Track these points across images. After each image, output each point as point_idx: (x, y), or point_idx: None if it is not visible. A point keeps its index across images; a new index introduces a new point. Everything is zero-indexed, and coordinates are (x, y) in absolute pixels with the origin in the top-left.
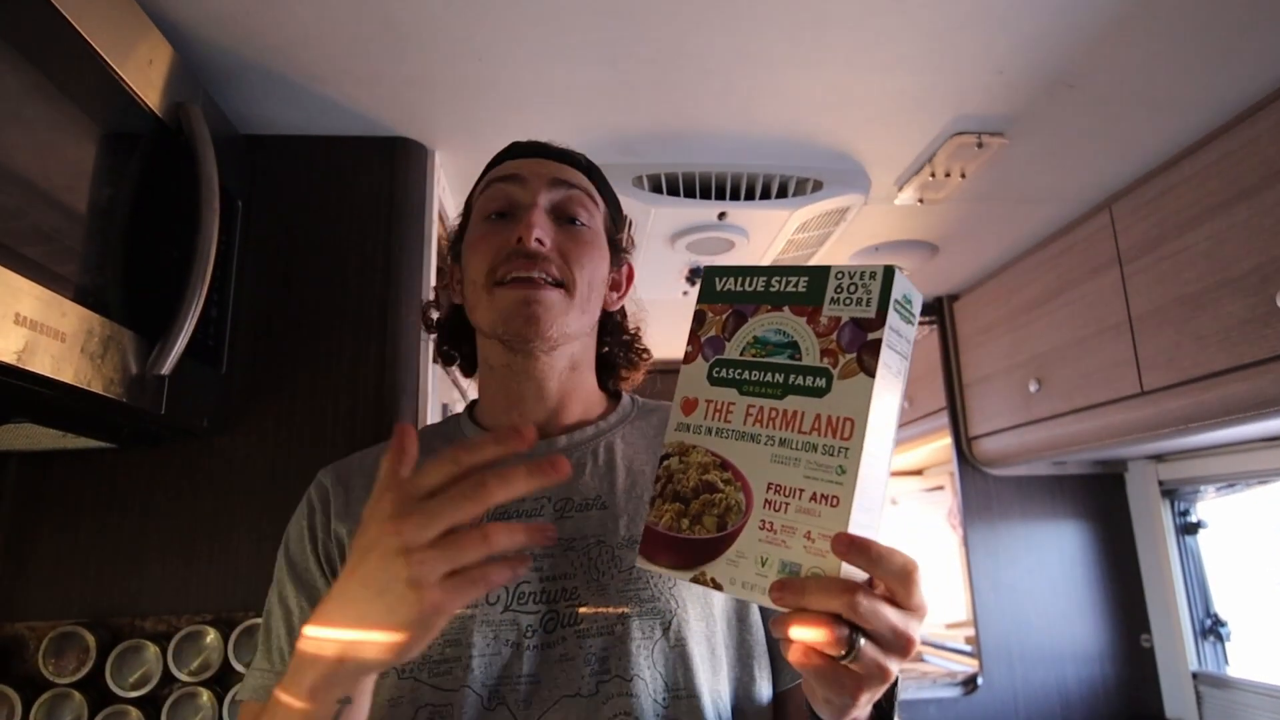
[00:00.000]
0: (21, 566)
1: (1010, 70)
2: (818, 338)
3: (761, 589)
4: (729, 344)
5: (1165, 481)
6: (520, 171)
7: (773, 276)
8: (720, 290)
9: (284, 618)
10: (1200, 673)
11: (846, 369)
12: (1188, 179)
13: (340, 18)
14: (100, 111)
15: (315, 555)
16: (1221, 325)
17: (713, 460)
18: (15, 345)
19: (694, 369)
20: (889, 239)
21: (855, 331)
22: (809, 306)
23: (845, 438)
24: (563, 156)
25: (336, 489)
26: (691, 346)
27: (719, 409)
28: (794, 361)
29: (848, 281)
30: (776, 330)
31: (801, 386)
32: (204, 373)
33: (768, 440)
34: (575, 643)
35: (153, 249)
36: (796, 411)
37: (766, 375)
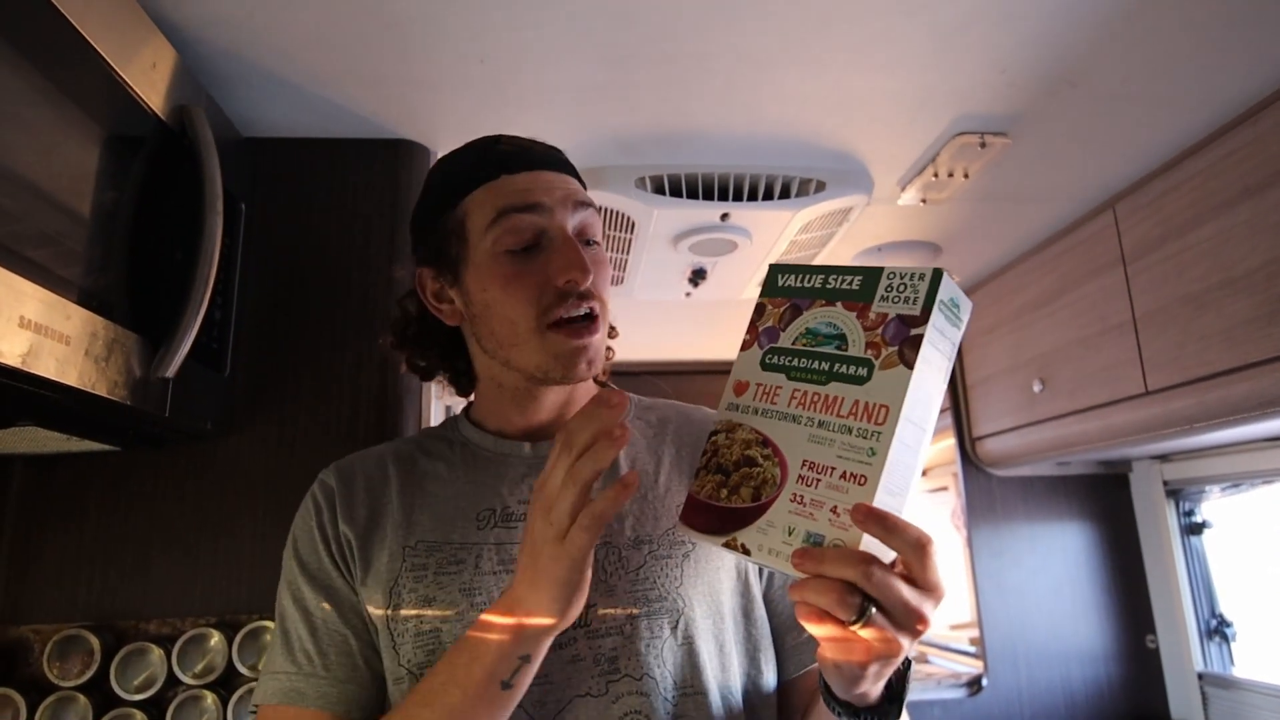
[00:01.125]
0: (26, 569)
1: (1013, 70)
2: (865, 331)
3: (785, 556)
4: (783, 334)
5: (1170, 482)
6: (541, 199)
7: (830, 275)
8: (781, 286)
9: (304, 619)
10: (1205, 673)
11: (887, 360)
12: (1191, 178)
13: (343, 20)
14: (103, 114)
15: (330, 555)
16: (1226, 325)
17: (755, 437)
18: (20, 348)
19: (749, 355)
20: (892, 239)
21: (900, 327)
22: (860, 303)
23: (879, 423)
24: (561, 165)
25: (341, 489)
26: (749, 335)
27: (767, 391)
28: (840, 352)
29: (898, 281)
30: (828, 323)
31: (844, 374)
32: (207, 375)
33: (808, 421)
34: (585, 644)
35: (156, 252)
36: (837, 397)
37: (814, 363)
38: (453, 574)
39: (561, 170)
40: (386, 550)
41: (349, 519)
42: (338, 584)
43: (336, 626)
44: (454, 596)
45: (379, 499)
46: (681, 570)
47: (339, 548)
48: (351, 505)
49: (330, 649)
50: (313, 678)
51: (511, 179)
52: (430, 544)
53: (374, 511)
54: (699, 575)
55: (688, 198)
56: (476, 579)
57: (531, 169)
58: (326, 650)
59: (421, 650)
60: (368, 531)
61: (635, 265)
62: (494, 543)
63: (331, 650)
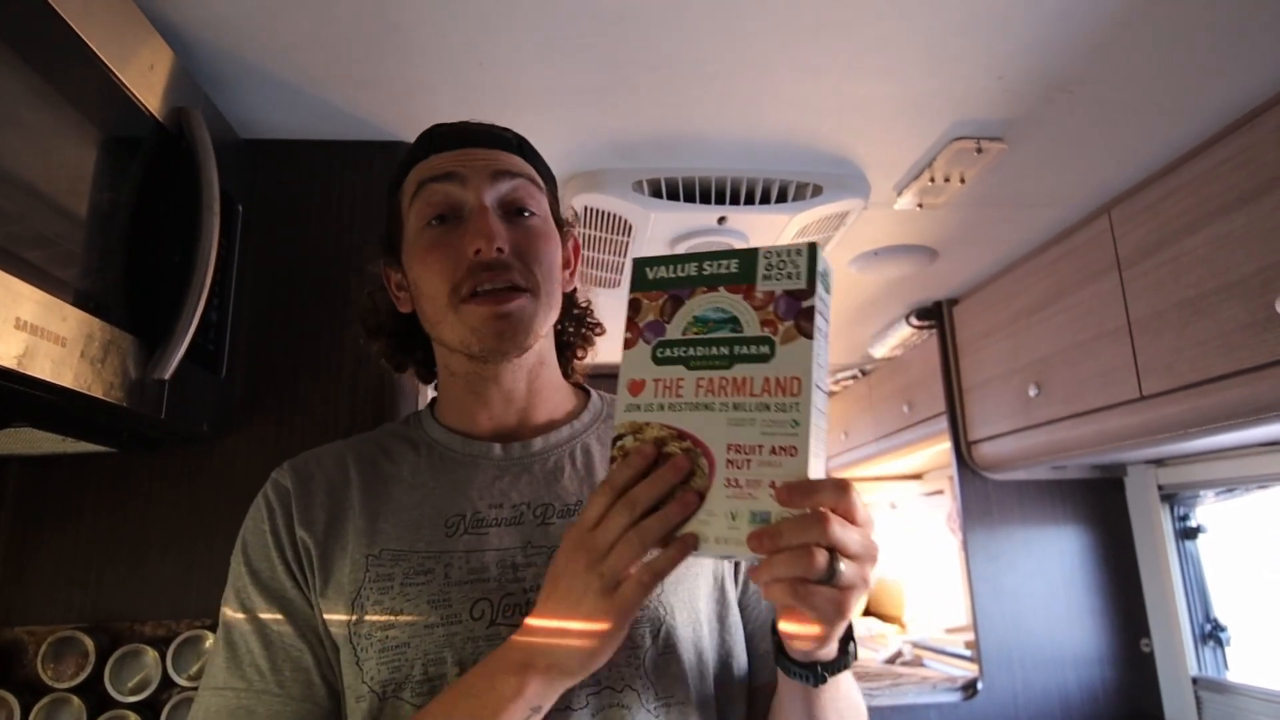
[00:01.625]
0: (20, 571)
1: (1009, 75)
2: (755, 310)
3: (737, 540)
4: (669, 326)
5: (1165, 486)
6: (457, 168)
7: (703, 261)
8: (653, 279)
9: (256, 631)
10: (1200, 677)
11: (787, 334)
12: (1187, 184)
13: (341, 22)
14: (101, 116)
15: (283, 560)
16: (1221, 330)
17: (669, 433)
18: (15, 350)
19: (636, 353)
20: (888, 243)
21: (790, 302)
22: (743, 285)
23: (795, 394)
24: (495, 140)
25: (298, 490)
26: (630, 333)
27: (668, 385)
28: (736, 334)
29: (776, 260)
30: (715, 308)
31: (747, 355)
32: (204, 377)
33: (721, 407)
34: None
35: (153, 253)
36: (745, 378)
37: (712, 349)
38: (421, 585)
39: (496, 147)
40: (348, 559)
41: (307, 524)
42: (292, 594)
43: (292, 640)
44: (422, 608)
45: (340, 503)
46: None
47: (295, 554)
48: (309, 509)
49: (285, 664)
50: (265, 695)
51: (438, 156)
52: (396, 553)
53: (334, 516)
54: (678, 582)
55: (685, 201)
56: (446, 589)
57: (458, 146)
58: (280, 666)
59: (386, 666)
60: (328, 538)
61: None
62: (464, 550)
63: (286, 666)
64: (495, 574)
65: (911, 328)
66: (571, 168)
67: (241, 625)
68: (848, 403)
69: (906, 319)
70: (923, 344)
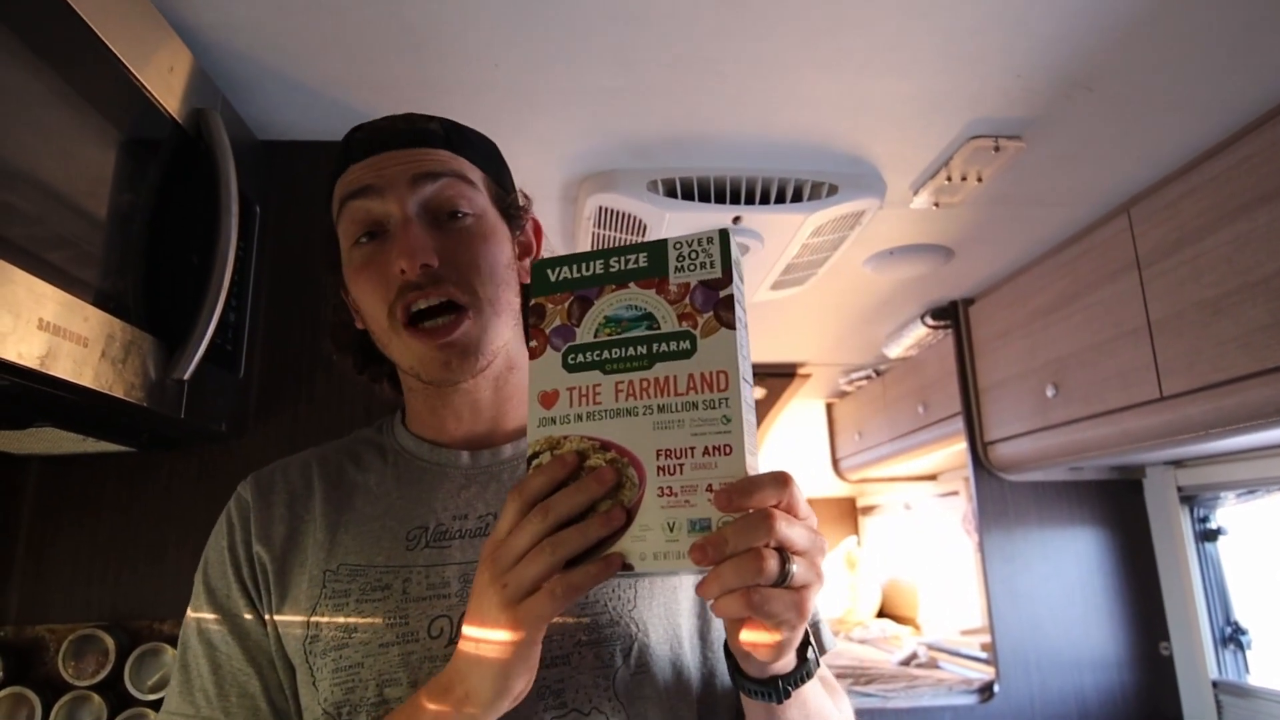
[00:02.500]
0: (41, 569)
1: (1028, 73)
2: (670, 305)
3: (677, 554)
4: (579, 329)
5: (1184, 488)
6: (374, 179)
7: (609, 258)
8: (556, 280)
9: (207, 654)
10: (1220, 681)
11: (707, 327)
12: (1207, 182)
13: (357, 24)
14: (121, 118)
15: (239, 579)
16: (1242, 330)
17: (591, 444)
18: (39, 350)
19: (545, 362)
20: (903, 243)
21: (707, 293)
22: (655, 278)
23: (722, 389)
24: (414, 138)
25: (258, 504)
26: (536, 341)
27: (584, 394)
28: (653, 331)
29: (687, 249)
30: (627, 306)
31: (667, 352)
32: (222, 377)
33: (645, 410)
34: None
35: (172, 254)
36: (668, 377)
37: (629, 350)
38: (377, 601)
39: (417, 144)
40: (306, 574)
41: (264, 539)
42: (245, 616)
43: (240, 665)
44: (377, 627)
45: (299, 515)
46: (635, 591)
47: (250, 572)
48: (268, 523)
49: (231, 690)
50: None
51: (356, 166)
52: (354, 568)
53: (293, 530)
54: (654, 596)
55: (699, 201)
56: (405, 605)
57: (374, 152)
58: (227, 691)
59: (340, 688)
60: (285, 554)
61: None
62: (424, 564)
63: (233, 692)
64: (456, 589)
65: (927, 327)
66: (586, 168)
67: (194, 645)
68: (862, 403)
69: (922, 319)
70: (938, 344)
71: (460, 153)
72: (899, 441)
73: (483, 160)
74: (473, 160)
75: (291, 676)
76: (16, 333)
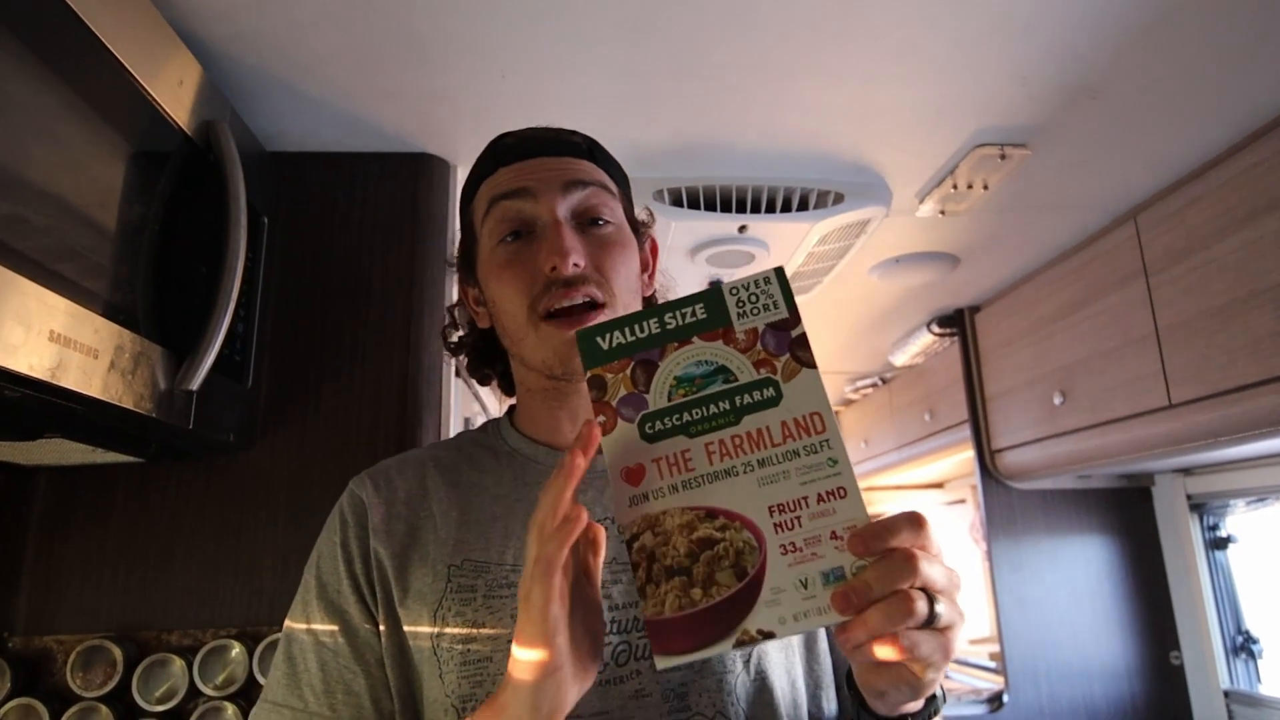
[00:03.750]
0: (50, 580)
1: (1033, 81)
2: (743, 354)
3: (819, 609)
4: (650, 395)
5: (1193, 495)
6: (527, 182)
7: (664, 315)
8: (610, 348)
9: (315, 650)
10: (1232, 691)
11: (788, 370)
12: (1215, 190)
13: (365, 36)
14: (131, 130)
15: (352, 577)
16: (1251, 337)
17: (695, 515)
18: (49, 361)
19: (619, 436)
20: (909, 251)
21: (779, 335)
22: (719, 329)
23: (820, 431)
24: (563, 147)
25: (374, 501)
26: (604, 415)
27: (674, 462)
28: (732, 384)
29: (745, 294)
30: (698, 363)
31: (753, 403)
32: (230, 387)
33: (745, 468)
34: (651, 677)
35: (181, 265)
36: (761, 429)
37: (710, 407)
38: (505, 598)
39: (565, 154)
40: (429, 569)
41: (384, 535)
42: (354, 614)
43: (347, 663)
44: (505, 622)
45: (418, 513)
46: None
47: (366, 568)
48: (387, 520)
49: (338, 688)
50: (317, 718)
51: (506, 169)
52: (478, 564)
53: (413, 527)
54: None
55: (705, 210)
56: None
57: (526, 157)
58: (334, 689)
59: (467, 681)
60: (405, 549)
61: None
62: None
63: (339, 689)
64: None
65: (933, 335)
66: None
67: (302, 639)
68: (868, 411)
69: (928, 326)
70: (944, 351)
71: (601, 166)
72: (906, 449)
73: (617, 176)
74: (609, 174)
75: (400, 675)
76: (28, 344)
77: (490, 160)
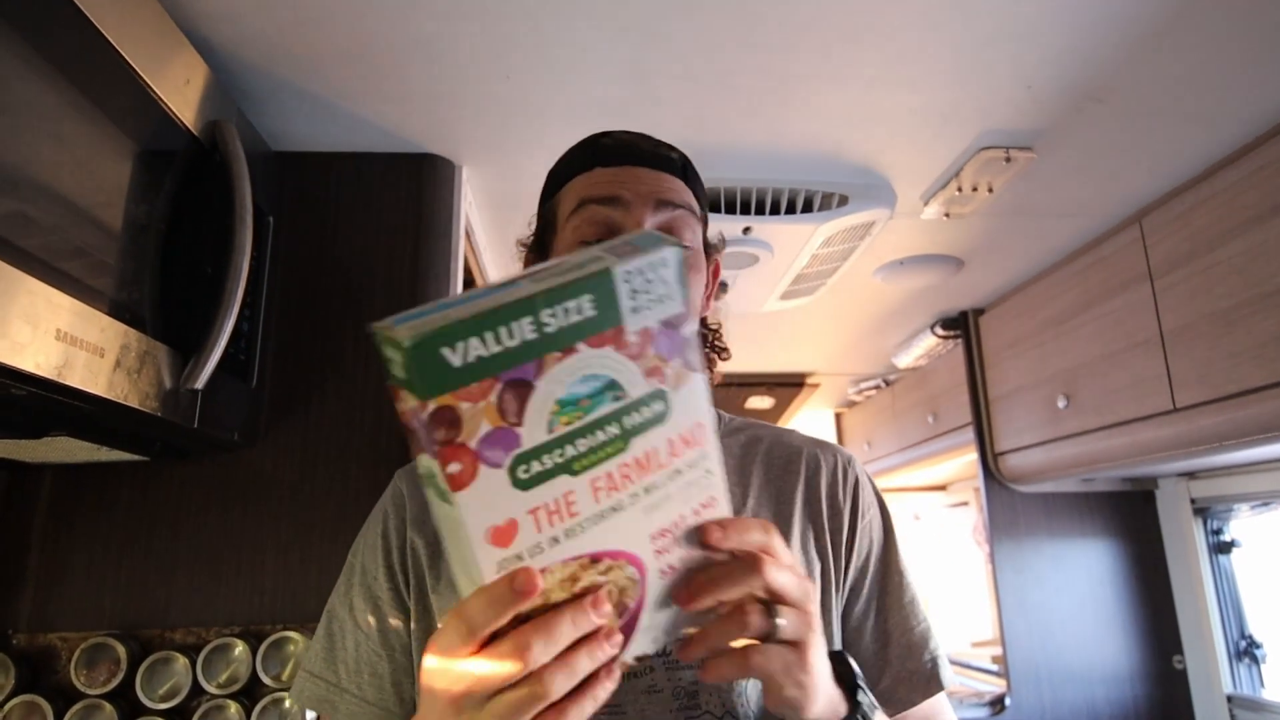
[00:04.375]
0: (54, 578)
1: (1039, 85)
2: (633, 360)
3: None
4: (523, 429)
5: (1197, 499)
6: (620, 192)
7: (539, 311)
8: (465, 364)
9: (351, 631)
10: (1235, 695)
11: (677, 378)
12: (1219, 193)
13: (371, 37)
14: (137, 129)
15: (388, 566)
16: (1256, 341)
17: (579, 565)
18: (56, 360)
19: (482, 488)
20: (914, 253)
21: (670, 335)
22: (609, 329)
23: (700, 443)
24: (661, 163)
25: (411, 493)
26: (460, 464)
27: (555, 510)
28: (621, 402)
29: (640, 280)
30: (584, 379)
31: (642, 423)
32: (235, 386)
33: (632, 499)
34: (664, 674)
35: (187, 264)
36: (649, 451)
37: (599, 434)
38: None
39: (662, 169)
40: None
41: (419, 525)
42: (386, 600)
43: (375, 647)
44: None
45: None
46: None
47: (401, 558)
48: (424, 510)
49: (364, 668)
50: (348, 694)
51: (603, 171)
52: None
53: None
54: None
55: (709, 211)
56: None
57: (626, 164)
58: (362, 669)
59: None
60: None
61: None
62: None
63: (365, 670)
64: None
65: (937, 337)
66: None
67: (342, 618)
68: (871, 413)
69: (931, 329)
70: (948, 354)
71: (690, 186)
72: (908, 452)
73: (702, 198)
74: (696, 196)
75: None
76: (35, 343)
77: (588, 157)
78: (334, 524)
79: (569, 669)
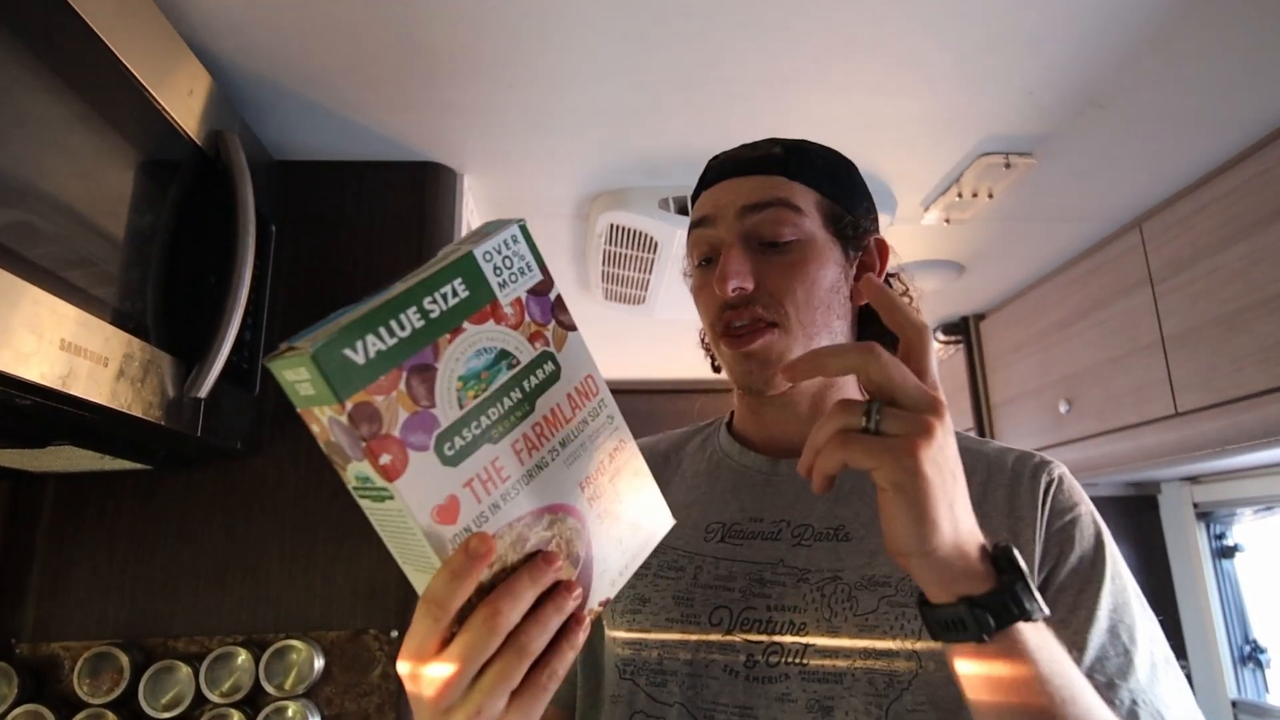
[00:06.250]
0: (57, 587)
1: (1039, 91)
2: (514, 330)
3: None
4: (438, 410)
5: (1200, 504)
6: (709, 210)
7: (422, 301)
8: (369, 360)
9: None
10: (1240, 701)
11: (557, 339)
12: (1221, 198)
13: (374, 46)
14: (141, 139)
15: None
16: (1258, 345)
17: (522, 526)
18: (60, 370)
19: (416, 473)
20: (914, 259)
21: (539, 301)
22: (484, 306)
23: (595, 394)
24: (754, 165)
25: None
26: (390, 454)
27: (487, 478)
28: (516, 369)
29: (500, 259)
30: (477, 353)
31: (540, 385)
32: (238, 395)
33: (552, 455)
34: (799, 683)
35: (190, 274)
36: (554, 408)
37: (506, 401)
38: (671, 579)
39: (754, 172)
40: None
41: None
42: None
43: None
44: (666, 602)
45: None
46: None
47: None
48: None
49: None
50: None
51: (707, 193)
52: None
53: None
54: None
55: None
56: (693, 590)
57: (719, 180)
58: None
59: (629, 648)
60: None
61: (657, 285)
62: (715, 556)
63: None
64: (740, 585)
65: (938, 343)
66: (598, 186)
67: None
68: None
69: (933, 334)
70: (949, 359)
71: (796, 177)
72: None
73: (821, 182)
74: (808, 182)
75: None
76: (40, 353)
77: (699, 184)
78: (337, 532)
79: (541, 624)
